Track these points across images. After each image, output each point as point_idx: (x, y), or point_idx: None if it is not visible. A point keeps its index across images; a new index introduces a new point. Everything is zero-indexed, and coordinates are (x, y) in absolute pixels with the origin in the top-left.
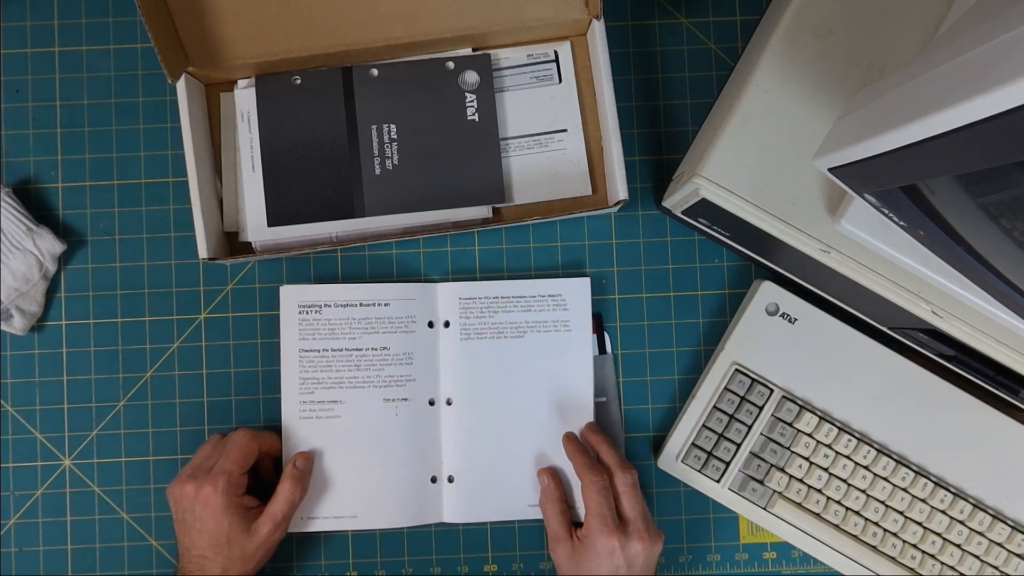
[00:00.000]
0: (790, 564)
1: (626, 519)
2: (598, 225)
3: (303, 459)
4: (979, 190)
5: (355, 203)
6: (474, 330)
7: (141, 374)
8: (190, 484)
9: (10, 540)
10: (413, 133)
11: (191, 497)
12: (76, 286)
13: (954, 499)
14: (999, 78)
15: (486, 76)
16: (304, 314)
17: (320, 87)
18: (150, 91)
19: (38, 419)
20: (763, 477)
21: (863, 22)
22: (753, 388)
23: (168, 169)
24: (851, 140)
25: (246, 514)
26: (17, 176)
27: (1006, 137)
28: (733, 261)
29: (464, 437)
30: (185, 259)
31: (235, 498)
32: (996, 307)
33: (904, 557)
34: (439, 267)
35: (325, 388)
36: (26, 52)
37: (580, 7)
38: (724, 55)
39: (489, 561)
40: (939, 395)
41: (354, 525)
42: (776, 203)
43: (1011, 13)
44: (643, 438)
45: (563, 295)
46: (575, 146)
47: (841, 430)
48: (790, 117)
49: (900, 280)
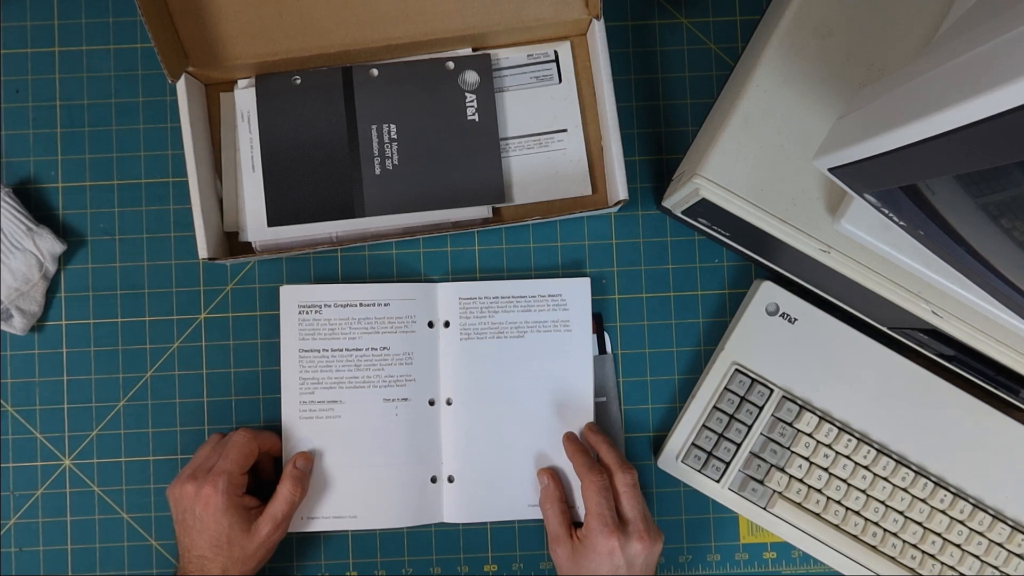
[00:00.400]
0: (790, 564)
1: (626, 519)
2: (598, 225)
3: (303, 459)
4: (979, 190)
5: (355, 203)
6: (474, 330)
7: (141, 374)
8: (190, 484)
9: (10, 540)
10: (413, 133)
11: (191, 497)
12: (76, 286)
13: (954, 499)
14: (999, 78)
15: (486, 76)
16: (304, 314)
17: (320, 87)
18: (150, 91)
19: (38, 419)
20: (763, 477)
21: (863, 22)
22: (753, 388)
23: (168, 169)
24: (851, 140)
25: (246, 514)
26: (17, 176)
27: (1006, 137)
28: (733, 261)
29: (464, 437)
30: (185, 259)
31: (235, 498)
32: (996, 307)
33: (904, 557)
34: (439, 267)
35: (325, 388)
36: (26, 52)
37: (580, 7)
38: (724, 55)
39: (489, 561)
40: (939, 395)
41: (354, 525)
42: (776, 203)
43: (1011, 13)
44: (643, 438)
45: (563, 295)
46: (575, 146)
47: (841, 430)
48: (790, 117)
49: (900, 280)
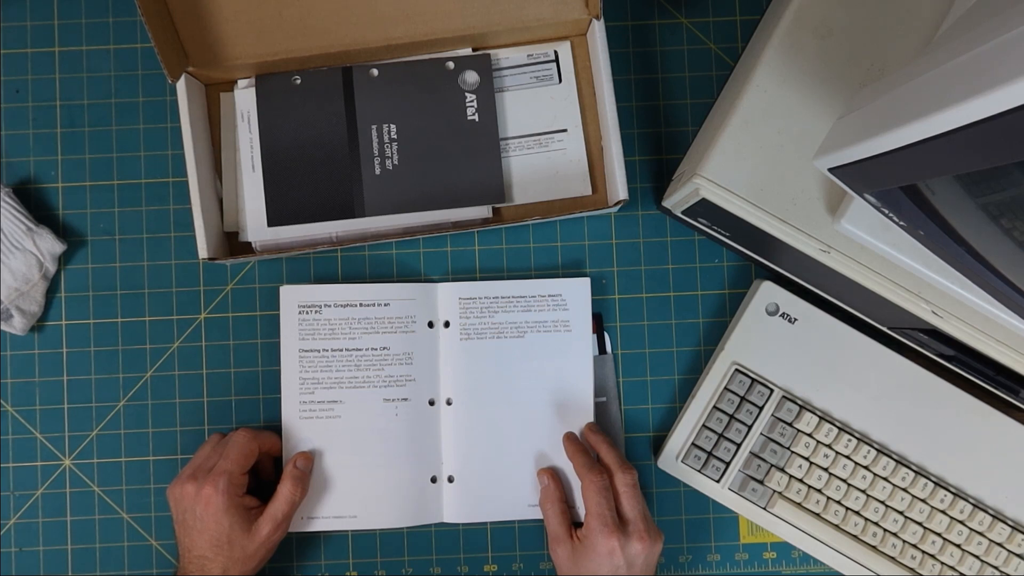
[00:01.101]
0: (790, 564)
1: (626, 519)
2: (598, 225)
3: (304, 459)
4: (979, 190)
5: (355, 203)
6: (474, 330)
7: (141, 374)
8: (190, 484)
9: (10, 540)
10: (413, 133)
11: (192, 497)
12: (76, 286)
13: (954, 499)
14: (999, 78)
15: (486, 76)
16: (304, 314)
17: (320, 87)
18: (150, 91)
19: (38, 419)
20: (763, 477)
21: (863, 22)
22: (753, 388)
23: (168, 169)
24: (851, 140)
25: (246, 514)
26: (17, 176)
27: (1006, 137)
28: (733, 261)
29: (464, 437)
30: (185, 259)
31: (236, 498)
32: (996, 307)
33: (904, 557)
34: (439, 267)
35: (325, 388)
36: (26, 52)
37: (580, 7)
38: (724, 55)
39: (489, 561)
40: (939, 395)
41: (354, 525)
42: (776, 203)
43: (1011, 13)
44: (643, 438)
45: (563, 295)
46: (575, 146)
47: (841, 430)
48: (790, 117)
49: (900, 280)
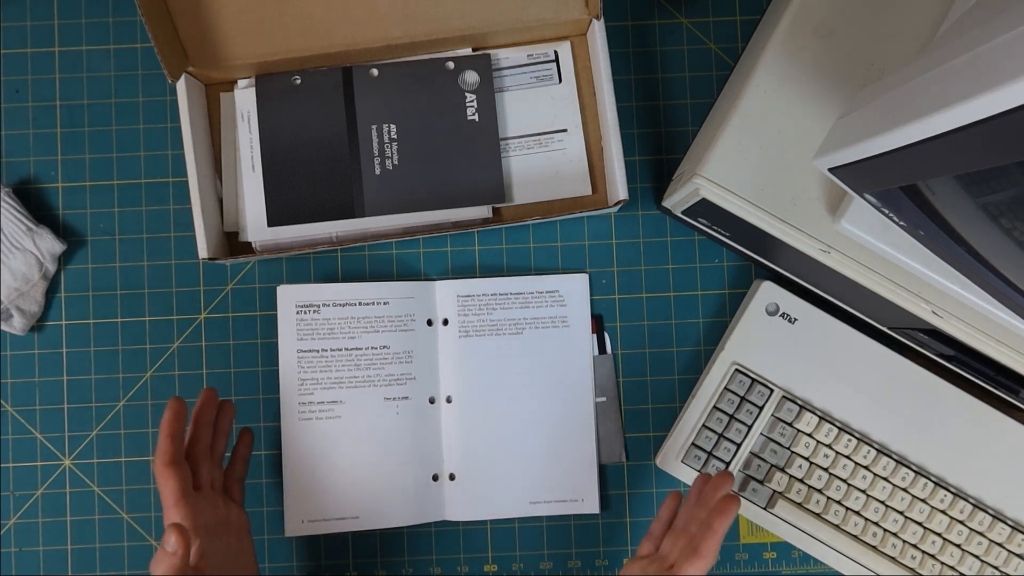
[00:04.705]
0: (790, 564)
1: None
2: (598, 225)
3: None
4: (979, 190)
5: (355, 203)
6: (473, 327)
7: (141, 374)
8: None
9: (10, 540)
10: (413, 133)
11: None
12: (76, 286)
13: (954, 499)
14: (999, 78)
15: (486, 76)
16: (302, 314)
17: (320, 87)
18: (150, 91)
19: (38, 419)
20: (763, 477)
21: (863, 22)
22: (753, 388)
23: (168, 169)
24: (851, 140)
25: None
26: (17, 176)
27: (1006, 137)
28: (733, 261)
29: (465, 434)
30: (185, 259)
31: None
32: (996, 307)
33: (904, 557)
34: (439, 267)
35: (325, 388)
36: (26, 52)
37: (580, 7)
38: (724, 55)
39: (489, 561)
40: (939, 395)
41: (357, 526)
42: (776, 203)
43: (1011, 13)
44: (643, 438)
45: (560, 291)
46: (575, 146)
47: (841, 430)
48: (790, 117)
49: (900, 280)
